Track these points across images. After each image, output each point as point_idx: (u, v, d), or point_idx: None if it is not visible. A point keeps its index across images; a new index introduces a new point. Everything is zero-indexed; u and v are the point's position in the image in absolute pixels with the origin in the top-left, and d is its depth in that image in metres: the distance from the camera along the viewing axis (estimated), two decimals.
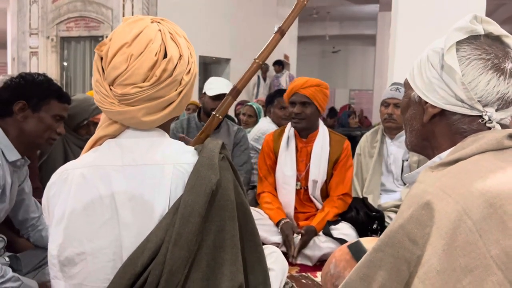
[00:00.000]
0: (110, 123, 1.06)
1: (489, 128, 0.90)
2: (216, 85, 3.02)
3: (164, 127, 1.11)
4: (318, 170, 2.70)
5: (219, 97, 2.93)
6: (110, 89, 1.01)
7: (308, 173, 2.72)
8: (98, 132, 1.08)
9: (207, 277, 0.97)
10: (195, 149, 1.07)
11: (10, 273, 1.58)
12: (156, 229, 0.96)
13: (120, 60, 0.98)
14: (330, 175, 2.75)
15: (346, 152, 2.75)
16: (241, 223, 1.03)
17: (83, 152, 1.11)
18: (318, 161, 2.70)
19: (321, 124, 2.80)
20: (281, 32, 1.49)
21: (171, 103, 1.04)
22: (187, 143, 1.50)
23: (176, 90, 1.03)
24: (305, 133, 2.75)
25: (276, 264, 1.49)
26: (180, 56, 1.03)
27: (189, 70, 1.05)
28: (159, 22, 1.05)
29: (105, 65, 1.01)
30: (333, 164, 2.74)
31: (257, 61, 1.49)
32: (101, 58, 1.03)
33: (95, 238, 0.99)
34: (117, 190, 1.00)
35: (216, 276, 0.97)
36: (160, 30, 1.03)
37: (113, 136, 1.07)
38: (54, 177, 1.07)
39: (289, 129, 2.80)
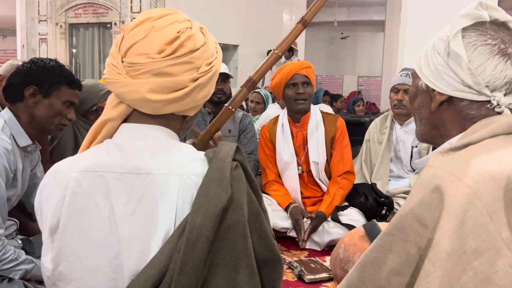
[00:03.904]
0: (116, 105, 0.98)
1: (498, 113, 0.90)
2: None
3: (173, 126, 1.01)
4: (317, 151, 2.72)
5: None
6: (122, 61, 0.95)
7: (308, 156, 2.73)
8: (103, 115, 1.00)
9: None
10: (205, 155, 0.95)
11: (23, 255, 1.61)
12: (160, 254, 0.87)
13: (140, 30, 0.94)
14: (330, 155, 2.76)
15: (341, 130, 2.77)
16: (258, 234, 0.93)
17: (84, 141, 1.04)
18: (315, 142, 2.72)
19: (312, 106, 2.82)
20: (304, 23, 1.44)
21: (182, 88, 0.94)
22: (197, 135, 1.42)
23: (191, 75, 0.94)
24: (297, 117, 2.76)
25: None
26: (205, 43, 0.97)
27: (211, 62, 0.98)
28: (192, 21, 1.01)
29: (125, 37, 0.96)
30: (331, 143, 2.75)
31: (276, 52, 1.42)
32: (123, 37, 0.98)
33: (92, 254, 0.90)
34: (116, 202, 0.90)
35: None
36: (189, 21, 0.99)
37: (118, 120, 0.98)
38: (47, 178, 0.97)
39: (282, 117, 2.83)
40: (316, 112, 2.79)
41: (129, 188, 0.91)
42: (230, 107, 1.38)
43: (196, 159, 0.95)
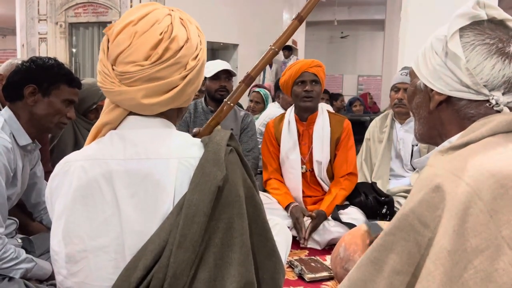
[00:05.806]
0: (113, 108, 1.03)
1: (497, 112, 0.90)
2: (212, 66, 2.99)
3: (170, 117, 1.06)
4: (321, 151, 2.72)
5: (218, 76, 2.92)
6: (113, 69, 0.99)
7: (312, 155, 2.74)
8: (101, 118, 1.05)
9: (214, 277, 0.92)
10: (202, 141, 1.02)
11: (23, 254, 1.61)
12: (159, 230, 0.93)
13: (124, 37, 0.96)
14: (333, 155, 2.77)
15: (347, 131, 2.77)
16: (251, 218, 0.99)
17: (87, 141, 1.09)
18: (320, 142, 2.72)
19: (320, 105, 2.83)
20: (300, 19, 1.47)
21: (173, 88, 0.99)
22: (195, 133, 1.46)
23: (180, 74, 0.99)
24: (305, 116, 2.77)
25: (280, 235, 1.49)
26: (188, 39, 1.00)
27: (197, 55, 1.02)
28: (172, 10, 1.03)
29: (110, 44, 0.99)
30: (335, 144, 2.76)
31: (273, 48, 1.46)
32: (109, 40, 1.01)
33: (96, 235, 0.96)
34: (119, 185, 0.96)
35: (224, 276, 0.93)
36: (169, 14, 1.01)
37: (116, 122, 1.04)
38: (57, 168, 1.03)
39: (289, 114, 2.83)
40: (324, 111, 2.80)
41: (131, 173, 0.97)
42: (229, 102, 1.43)
43: (193, 144, 1.02)
